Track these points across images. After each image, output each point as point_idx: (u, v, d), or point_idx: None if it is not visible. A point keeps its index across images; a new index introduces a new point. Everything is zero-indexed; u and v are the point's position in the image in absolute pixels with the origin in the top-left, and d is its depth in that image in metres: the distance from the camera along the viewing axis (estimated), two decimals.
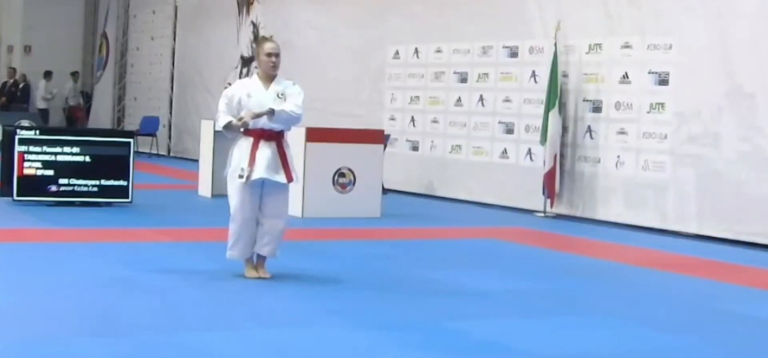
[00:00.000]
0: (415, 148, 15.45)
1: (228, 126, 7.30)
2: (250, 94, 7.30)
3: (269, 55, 7.32)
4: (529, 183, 13.34)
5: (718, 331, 6.67)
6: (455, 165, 14.72)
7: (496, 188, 13.95)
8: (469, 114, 14.51)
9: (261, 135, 7.31)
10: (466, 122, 14.56)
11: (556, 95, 12.61)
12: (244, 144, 7.31)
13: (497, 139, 14.04)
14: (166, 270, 7.80)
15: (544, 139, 12.68)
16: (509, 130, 13.85)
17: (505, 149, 13.91)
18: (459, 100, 14.71)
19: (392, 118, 15.81)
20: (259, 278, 7.41)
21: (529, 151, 13.50)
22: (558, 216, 12.77)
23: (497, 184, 13.95)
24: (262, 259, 7.53)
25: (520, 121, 13.70)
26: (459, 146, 14.69)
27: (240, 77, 20.06)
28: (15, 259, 8.20)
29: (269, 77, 7.36)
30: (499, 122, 14.01)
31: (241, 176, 7.25)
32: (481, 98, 14.32)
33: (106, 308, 6.45)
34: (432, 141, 15.16)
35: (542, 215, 12.83)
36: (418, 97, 15.46)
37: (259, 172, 7.25)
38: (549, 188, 12.69)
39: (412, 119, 15.53)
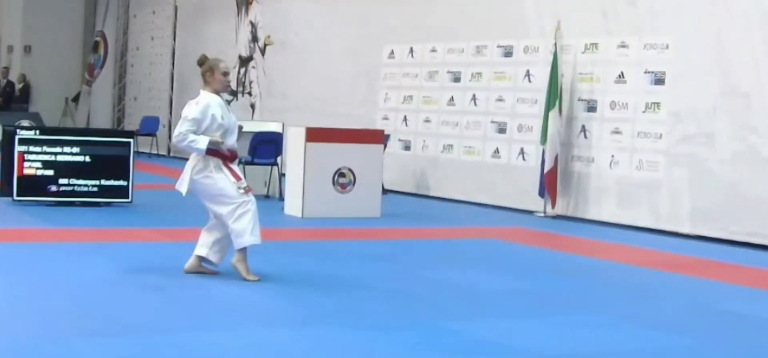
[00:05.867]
0: (407, 148, 15.48)
1: (214, 144, 7.36)
2: (223, 115, 7.44)
3: (226, 74, 7.60)
4: (522, 183, 13.38)
5: (717, 331, 6.71)
6: (447, 164, 14.76)
7: (488, 187, 13.98)
8: (462, 113, 14.54)
9: (233, 157, 7.55)
10: (458, 121, 14.59)
11: (556, 95, 12.63)
12: (212, 164, 7.41)
13: (489, 138, 14.07)
14: (166, 270, 7.82)
15: (544, 139, 12.70)
16: (501, 130, 13.88)
17: (497, 149, 13.94)
18: (452, 99, 14.75)
19: (385, 118, 15.84)
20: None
21: (522, 151, 13.53)
22: (557, 216, 12.79)
23: (489, 183, 13.99)
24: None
25: (513, 120, 13.73)
26: (451, 146, 14.72)
27: (238, 77, 20.10)
28: (15, 259, 8.23)
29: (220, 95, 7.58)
30: (492, 121, 14.04)
31: (240, 188, 7.40)
32: (474, 97, 14.35)
33: (106, 308, 6.48)
34: (424, 140, 15.19)
35: (542, 215, 12.85)
36: (411, 97, 15.50)
37: (246, 182, 7.54)
38: (550, 189, 12.70)
39: (405, 119, 15.56)
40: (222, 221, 7.46)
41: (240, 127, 7.79)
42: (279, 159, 13.41)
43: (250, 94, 19.77)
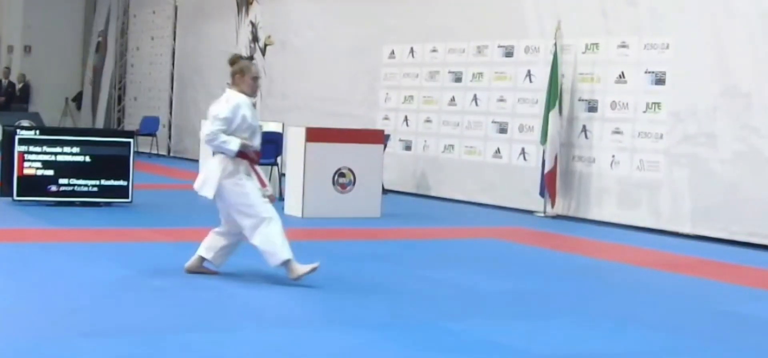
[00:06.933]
0: (408, 148, 15.48)
1: (244, 146, 7.30)
2: (252, 116, 7.41)
3: (256, 78, 7.53)
4: (523, 183, 13.37)
5: (717, 331, 6.71)
6: (447, 164, 14.75)
7: (489, 187, 13.98)
8: (463, 113, 14.53)
9: (258, 159, 7.51)
10: (459, 122, 14.58)
11: (556, 95, 12.63)
12: (242, 169, 7.36)
13: (490, 138, 14.06)
14: (166, 270, 7.82)
15: (544, 140, 12.69)
16: (502, 130, 13.88)
17: (499, 149, 13.93)
18: (453, 99, 14.74)
19: (386, 118, 15.84)
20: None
21: (523, 151, 13.53)
22: (557, 216, 12.78)
23: (490, 183, 13.98)
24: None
25: (514, 120, 13.72)
26: (452, 146, 14.72)
27: None
28: (15, 259, 8.23)
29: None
30: (493, 121, 14.03)
31: (265, 196, 7.37)
32: (475, 98, 14.35)
33: (106, 308, 6.48)
34: (425, 140, 15.19)
35: (542, 215, 12.85)
36: (412, 97, 15.49)
37: (270, 189, 7.48)
38: (550, 189, 12.70)
39: (406, 119, 15.56)
40: (237, 229, 7.42)
41: (259, 128, 7.75)
42: (279, 159, 13.41)
43: None
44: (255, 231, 7.28)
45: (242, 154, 7.32)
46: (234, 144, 7.24)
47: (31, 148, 11.42)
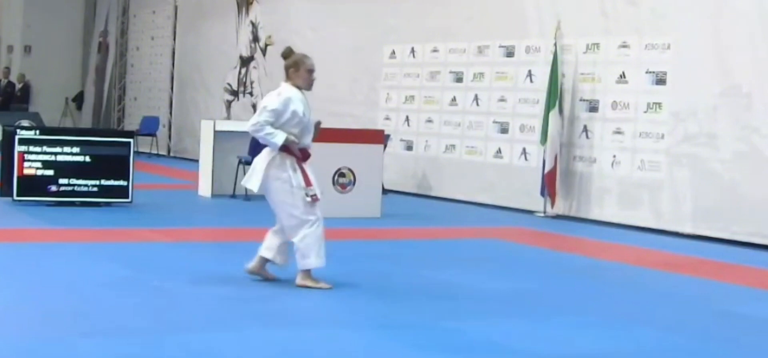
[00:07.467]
0: (409, 148, 15.47)
1: (290, 141, 7.15)
2: (304, 112, 7.26)
3: (311, 71, 7.41)
4: (524, 183, 13.35)
5: (717, 331, 6.70)
6: (449, 164, 14.74)
7: (490, 187, 13.97)
8: (464, 113, 14.52)
9: (306, 157, 7.34)
10: (461, 122, 14.58)
11: (556, 95, 12.62)
12: (288, 163, 7.23)
13: (491, 138, 14.05)
14: (166, 270, 7.82)
15: (544, 140, 12.69)
16: (504, 130, 13.87)
17: (500, 149, 13.92)
18: (454, 99, 14.74)
19: (387, 118, 15.83)
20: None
21: (524, 151, 13.52)
22: (558, 216, 12.77)
23: (490, 183, 13.97)
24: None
25: (515, 120, 13.71)
26: (453, 146, 14.71)
27: (239, 77, 20.08)
28: (15, 259, 8.22)
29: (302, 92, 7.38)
30: (494, 122, 14.02)
31: (308, 195, 7.21)
32: (476, 98, 14.34)
33: (106, 308, 6.47)
34: (426, 141, 15.18)
35: (542, 215, 12.84)
36: (413, 97, 15.48)
37: (316, 189, 7.29)
38: (550, 189, 12.69)
39: (407, 119, 15.55)
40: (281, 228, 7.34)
41: (318, 124, 7.55)
42: None
43: (250, 94, 19.77)
44: (296, 231, 7.22)
45: (287, 149, 7.20)
46: (279, 138, 7.11)
47: (31, 148, 11.41)
